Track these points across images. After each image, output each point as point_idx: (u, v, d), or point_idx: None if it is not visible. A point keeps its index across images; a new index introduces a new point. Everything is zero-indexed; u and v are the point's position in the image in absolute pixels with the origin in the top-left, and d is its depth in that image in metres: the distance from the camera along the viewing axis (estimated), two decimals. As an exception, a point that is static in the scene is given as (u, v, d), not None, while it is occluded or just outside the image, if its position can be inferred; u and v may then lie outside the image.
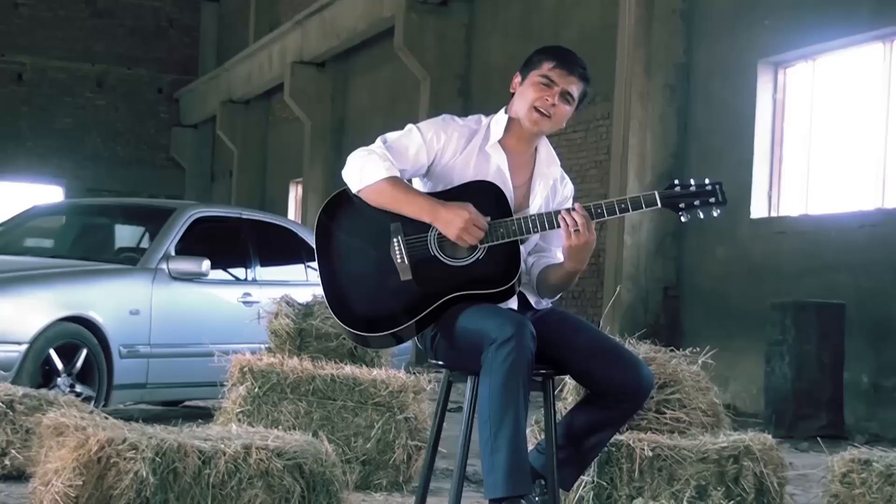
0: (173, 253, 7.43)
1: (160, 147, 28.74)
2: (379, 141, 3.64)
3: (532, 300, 3.68)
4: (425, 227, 3.52)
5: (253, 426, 4.68)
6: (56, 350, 6.74)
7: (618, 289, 11.47)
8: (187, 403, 8.61)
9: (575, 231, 3.45)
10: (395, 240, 3.52)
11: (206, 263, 7.32)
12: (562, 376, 3.67)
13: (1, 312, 6.56)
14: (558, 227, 3.50)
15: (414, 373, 5.72)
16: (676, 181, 3.59)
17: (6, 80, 27.71)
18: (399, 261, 3.50)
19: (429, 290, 3.48)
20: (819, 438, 8.64)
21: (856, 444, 5.23)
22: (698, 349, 5.14)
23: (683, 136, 11.89)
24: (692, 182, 3.56)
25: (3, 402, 4.70)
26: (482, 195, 3.54)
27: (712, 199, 3.56)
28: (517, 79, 3.73)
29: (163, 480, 3.48)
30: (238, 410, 5.31)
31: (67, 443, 3.43)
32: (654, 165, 11.82)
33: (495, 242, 3.49)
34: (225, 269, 7.77)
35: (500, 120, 3.71)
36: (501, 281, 3.47)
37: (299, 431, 5.14)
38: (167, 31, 29.11)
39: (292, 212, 22.72)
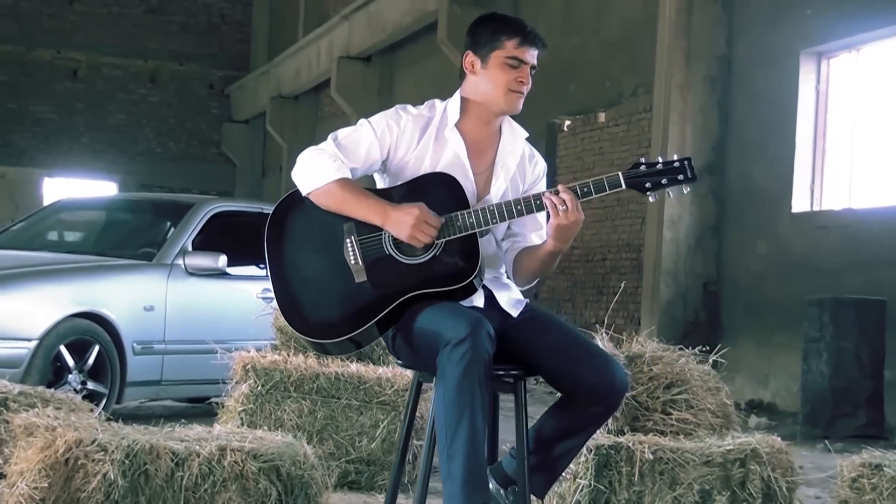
0: (190, 248, 7.37)
1: (212, 143, 28.87)
2: (330, 139, 3.50)
3: (508, 307, 3.50)
4: (378, 227, 3.38)
5: (247, 426, 4.60)
6: (67, 346, 6.70)
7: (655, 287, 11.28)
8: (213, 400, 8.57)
9: (563, 210, 3.30)
10: (347, 240, 3.38)
11: (223, 259, 7.25)
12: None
13: (9, 308, 6.52)
14: (517, 216, 3.37)
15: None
16: (643, 159, 3.43)
17: (62, 76, 27.96)
18: (353, 262, 3.37)
19: (385, 292, 3.33)
20: (857, 438, 8.52)
21: None
22: (705, 347, 4.95)
23: (724, 128, 11.67)
24: (659, 160, 3.40)
25: (-4, 400, 4.63)
26: (437, 187, 3.40)
27: (680, 177, 3.40)
28: (471, 58, 3.55)
29: (133, 483, 3.40)
30: (241, 409, 5.25)
31: (35, 443, 3.36)
32: (694, 158, 11.49)
33: (452, 237, 3.34)
34: (245, 265, 7.68)
35: (455, 103, 3.57)
36: (459, 277, 3.31)
37: (300, 431, 5.08)
38: (219, 27, 29.23)
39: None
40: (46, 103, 27.70)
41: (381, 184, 3.56)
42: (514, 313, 3.47)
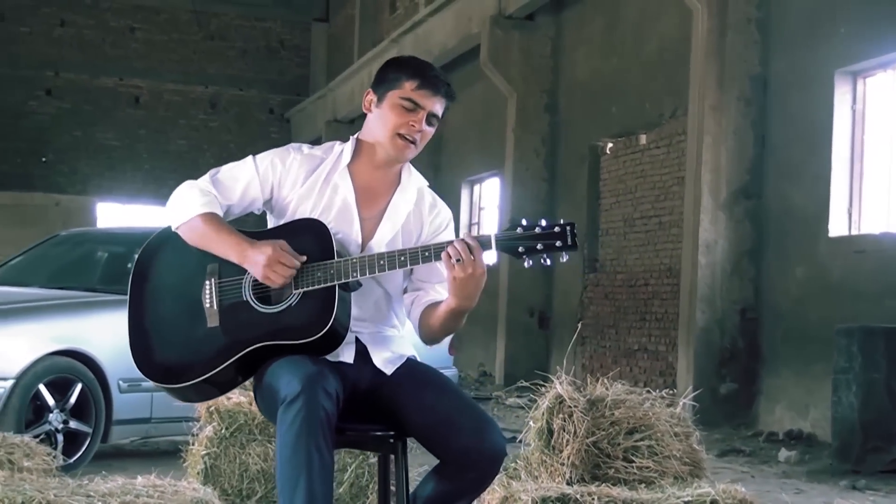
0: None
1: (272, 167, 28.95)
2: (208, 174, 3.35)
3: (381, 364, 3.29)
4: (242, 270, 3.19)
5: (211, 470, 4.48)
6: (48, 385, 6.60)
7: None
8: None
9: (458, 261, 3.08)
10: (207, 282, 3.21)
11: None
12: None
13: (-17, 347, 6.47)
14: (379, 271, 3.14)
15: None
16: (523, 221, 3.19)
17: (124, 103, 28.33)
18: (208, 305, 3.19)
19: (234, 339, 3.15)
20: (889, 474, 8.19)
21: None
22: (672, 391, 4.72)
23: (760, 150, 11.37)
24: (542, 223, 3.14)
25: (-53, 447, 4.55)
26: (305, 234, 3.20)
27: (558, 243, 3.09)
28: (370, 97, 3.37)
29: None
30: (204, 452, 5.13)
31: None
32: (729, 181, 11.32)
33: (310, 288, 3.14)
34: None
35: (350, 144, 3.39)
36: (309, 331, 3.10)
37: (264, 476, 4.94)
38: (278, 52, 29.42)
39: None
40: (110, 130, 28.08)
41: (271, 224, 3.40)
42: (388, 371, 3.28)
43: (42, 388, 6.61)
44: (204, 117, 28.59)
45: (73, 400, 6.74)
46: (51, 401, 6.66)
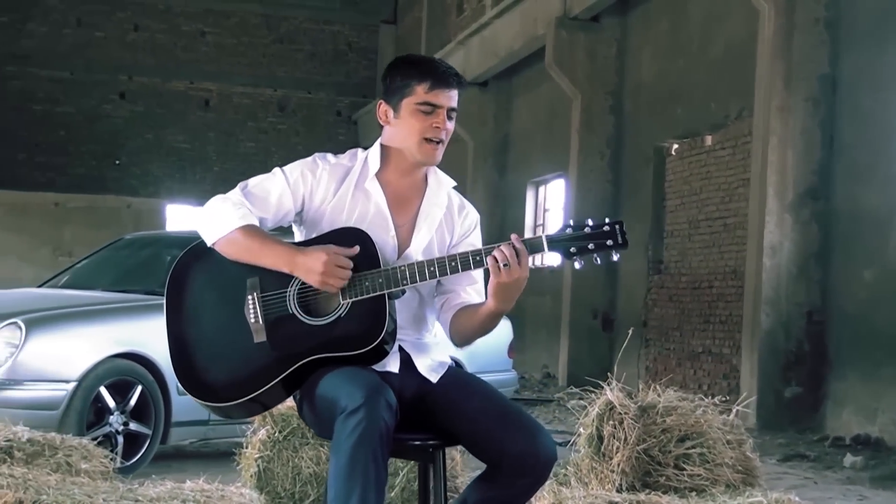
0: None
1: (339, 169, 29.13)
2: (238, 187, 3.32)
3: (427, 371, 3.29)
4: (285, 283, 3.16)
5: (264, 473, 4.51)
6: (109, 387, 6.69)
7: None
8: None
9: (505, 266, 3.08)
10: (249, 297, 3.17)
11: None
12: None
13: (47, 350, 6.55)
14: (430, 278, 3.13)
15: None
16: (571, 222, 3.17)
17: (194, 106, 28.68)
18: (253, 320, 3.15)
19: (284, 353, 3.12)
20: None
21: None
22: (725, 398, 4.66)
23: (828, 151, 11.20)
24: (588, 223, 3.14)
25: (1, 449, 4.59)
26: (348, 243, 3.17)
27: (609, 242, 3.10)
28: (384, 107, 3.34)
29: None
30: (257, 456, 5.16)
31: (-24, 504, 3.31)
32: (795, 182, 11.17)
33: (358, 298, 3.12)
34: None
35: (375, 152, 3.36)
36: (363, 341, 3.08)
37: (317, 479, 4.96)
38: (346, 55, 29.58)
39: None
40: (180, 133, 28.45)
41: (299, 237, 3.38)
42: (434, 378, 3.27)
43: (103, 390, 6.70)
44: (272, 120, 28.84)
45: (132, 402, 6.82)
46: (111, 403, 6.75)
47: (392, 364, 3.23)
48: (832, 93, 11.22)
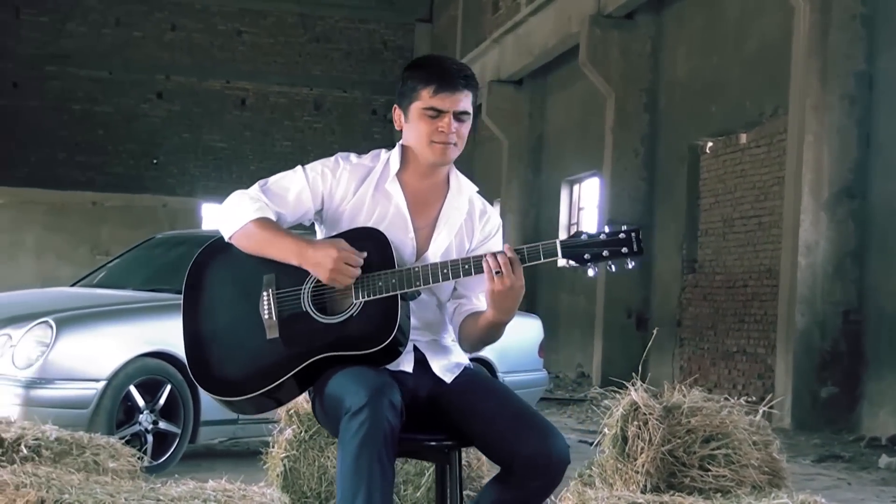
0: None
1: (375, 168, 29.19)
2: (257, 184, 3.33)
3: (441, 372, 3.27)
4: (300, 280, 3.16)
5: (290, 473, 4.51)
6: (138, 386, 6.71)
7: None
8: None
9: (497, 273, 3.06)
10: (265, 293, 3.18)
11: None
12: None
13: (76, 349, 6.57)
14: (443, 280, 3.11)
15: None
16: (586, 230, 3.17)
17: (231, 105, 28.80)
18: (266, 317, 3.16)
19: (295, 350, 3.11)
20: None
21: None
22: (751, 398, 4.61)
23: (864, 149, 11.09)
24: (605, 230, 3.11)
25: (29, 448, 4.62)
26: (364, 242, 3.17)
27: (624, 249, 3.08)
28: (397, 112, 3.34)
29: (91, 543, 3.33)
30: (283, 455, 5.17)
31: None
32: (831, 181, 11.07)
33: (371, 298, 3.12)
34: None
35: (396, 153, 3.35)
36: (374, 341, 3.07)
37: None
38: (381, 54, 29.60)
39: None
40: (217, 132, 28.59)
41: (320, 236, 3.37)
42: (448, 379, 3.25)
43: (132, 389, 6.72)
44: (308, 119, 28.91)
45: (162, 401, 6.83)
46: (141, 402, 6.77)
47: (406, 363, 3.23)
48: (868, 90, 11.11)
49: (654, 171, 15.70)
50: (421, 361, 3.27)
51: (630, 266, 3.10)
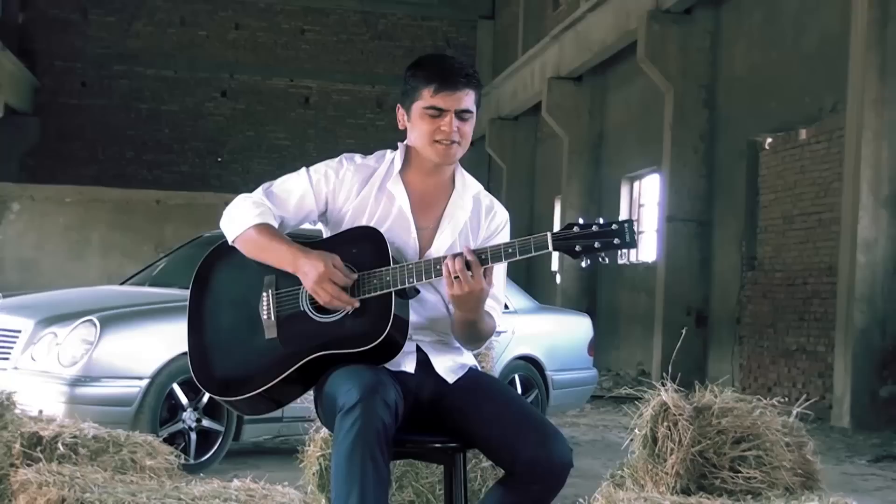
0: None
1: (438, 165, 29.25)
2: (261, 188, 3.35)
3: (444, 372, 3.26)
4: (299, 281, 3.17)
5: (325, 472, 4.54)
6: (181, 384, 6.73)
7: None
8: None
9: (455, 279, 3.04)
10: (265, 294, 3.20)
11: None
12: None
13: (120, 348, 6.64)
14: (437, 276, 3.10)
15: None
16: (580, 220, 3.11)
17: (294, 104, 29.03)
18: (265, 317, 3.19)
19: (291, 350, 3.12)
20: None
21: None
22: (785, 399, 4.54)
23: (925, 145, 10.91)
24: (598, 221, 3.07)
25: (66, 446, 4.68)
26: (362, 242, 3.19)
27: (616, 240, 3.02)
28: (400, 112, 3.34)
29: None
30: (319, 454, 5.18)
31: (21, 500, 3.39)
32: (891, 178, 10.91)
33: (366, 296, 3.12)
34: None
35: (399, 152, 3.35)
36: (367, 339, 3.07)
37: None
38: (444, 51, 29.59)
39: (556, 229, 22.50)
40: (281, 130, 28.83)
41: (326, 234, 3.38)
42: (450, 379, 3.24)
43: (176, 387, 6.75)
44: (371, 116, 29.05)
45: (205, 399, 6.86)
46: (184, 400, 6.80)
47: (407, 364, 3.22)
48: (929, 84, 10.93)
49: (714, 167, 15.55)
50: (424, 362, 3.25)
51: (622, 258, 3.07)
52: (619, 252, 3.08)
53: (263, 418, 6.93)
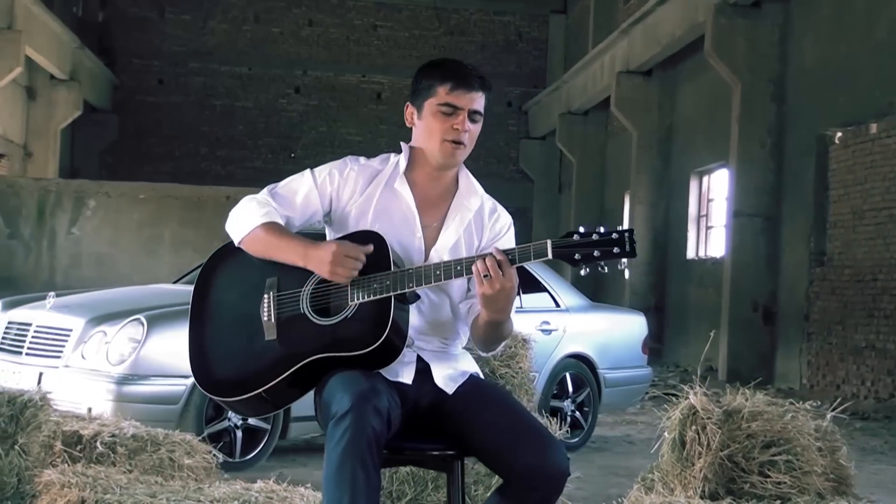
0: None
1: (509, 159, 29.23)
2: (266, 189, 3.36)
3: (443, 382, 3.24)
4: (301, 283, 3.18)
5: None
6: (227, 382, 6.80)
7: None
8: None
9: (486, 277, 3.03)
10: (266, 296, 3.21)
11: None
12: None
13: (166, 346, 6.69)
14: (435, 281, 3.09)
15: (546, 416, 5.39)
16: (582, 228, 3.08)
17: (367, 99, 29.18)
18: (266, 318, 3.19)
19: (290, 352, 3.11)
20: None
21: None
22: (818, 403, 4.47)
23: None
24: (599, 230, 3.04)
25: (104, 444, 4.75)
26: (364, 246, 3.17)
27: (616, 250, 3.00)
28: (410, 109, 3.35)
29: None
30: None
31: (43, 500, 3.45)
32: (959, 173, 10.67)
33: (366, 299, 3.12)
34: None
35: (404, 154, 3.35)
36: (364, 343, 3.07)
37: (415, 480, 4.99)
38: (516, 45, 29.59)
39: (626, 224, 22.36)
40: (352, 126, 28.98)
41: (330, 237, 3.39)
42: (449, 390, 3.22)
43: (221, 384, 6.80)
44: (443, 111, 29.06)
45: (251, 396, 6.91)
46: (228, 397, 6.86)
47: (405, 375, 3.22)
48: None
49: (782, 161, 15.33)
50: (424, 371, 3.25)
51: (621, 267, 3.04)
52: (618, 261, 3.04)
53: (310, 416, 6.96)
